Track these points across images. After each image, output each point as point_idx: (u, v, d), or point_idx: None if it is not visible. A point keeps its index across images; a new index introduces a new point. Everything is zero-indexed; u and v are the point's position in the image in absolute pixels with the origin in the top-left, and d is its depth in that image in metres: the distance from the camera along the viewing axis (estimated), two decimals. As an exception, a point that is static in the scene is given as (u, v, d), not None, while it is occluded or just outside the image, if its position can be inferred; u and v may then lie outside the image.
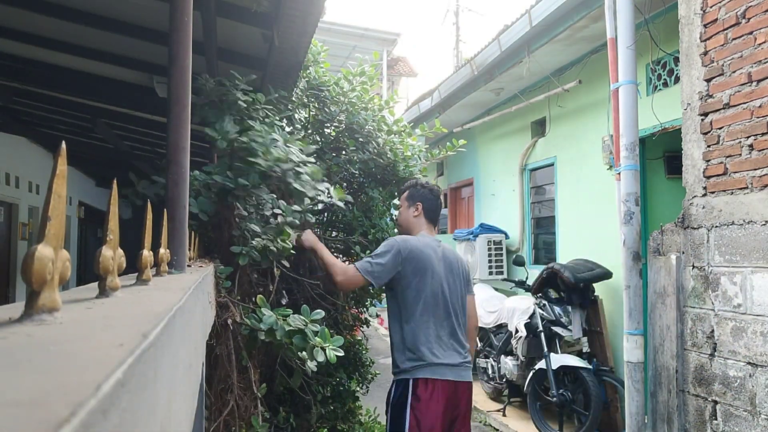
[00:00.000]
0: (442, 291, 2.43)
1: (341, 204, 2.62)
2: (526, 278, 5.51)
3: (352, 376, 3.41)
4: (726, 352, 2.75)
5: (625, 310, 3.30)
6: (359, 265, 2.41)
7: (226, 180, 2.04)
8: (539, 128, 6.31)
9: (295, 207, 2.29)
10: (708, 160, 2.95)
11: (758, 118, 2.66)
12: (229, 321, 1.98)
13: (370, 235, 3.23)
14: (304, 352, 1.92)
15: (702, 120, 2.99)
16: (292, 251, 2.33)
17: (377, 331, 9.78)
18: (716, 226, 2.86)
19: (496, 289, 6.31)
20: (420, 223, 2.61)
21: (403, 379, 2.36)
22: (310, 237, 2.55)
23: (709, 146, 2.95)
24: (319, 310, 2.06)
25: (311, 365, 1.94)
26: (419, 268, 2.42)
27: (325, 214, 3.44)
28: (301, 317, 1.97)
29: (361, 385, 3.46)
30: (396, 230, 2.76)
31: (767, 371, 2.53)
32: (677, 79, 3.98)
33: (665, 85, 4.30)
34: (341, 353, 1.97)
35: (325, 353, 1.91)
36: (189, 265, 1.60)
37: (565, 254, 5.56)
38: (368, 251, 3.14)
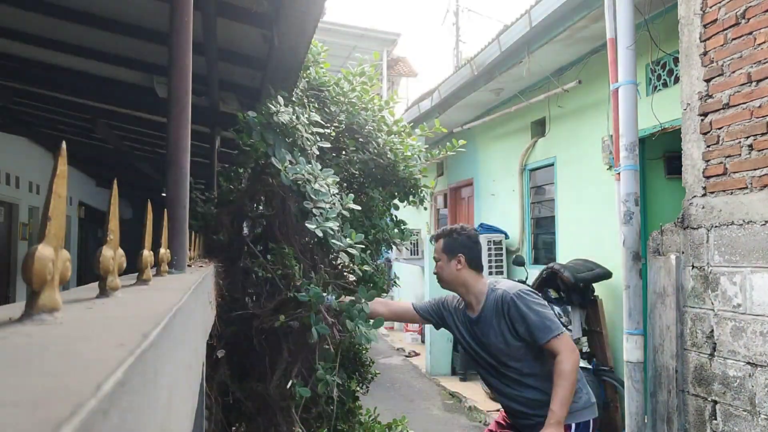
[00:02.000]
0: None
1: (346, 213, 2.58)
2: (526, 278, 5.51)
3: (352, 376, 3.40)
4: (726, 352, 2.75)
5: (625, 310, 3.30)
6: (563, 334, 2.17)
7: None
8: (539, 128, 6.31)
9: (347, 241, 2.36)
10: (708, 160, 2.95)
11: (758, 118, 2.66)
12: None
13: (370, 235, 3.22)
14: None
15: (702, 120, 2.99)
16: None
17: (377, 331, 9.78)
18: (716, 226, 2.86)
19: (496, 289, 6.29)
20: (467, 276, 2.39)
21: (586, 421, 2.25)
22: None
23: (708, 146, 2.95)
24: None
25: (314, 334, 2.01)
26: None
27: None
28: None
29: (361, 385, 3.46)
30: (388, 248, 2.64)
31: (767, 371, 2.53)
32: (677, 80, 3.98)
33: (665, 85, 4.30)
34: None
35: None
36: (189, 265, 1.60)
37: (565, 254, 5.56)
38: (368, 251, 3.13)
